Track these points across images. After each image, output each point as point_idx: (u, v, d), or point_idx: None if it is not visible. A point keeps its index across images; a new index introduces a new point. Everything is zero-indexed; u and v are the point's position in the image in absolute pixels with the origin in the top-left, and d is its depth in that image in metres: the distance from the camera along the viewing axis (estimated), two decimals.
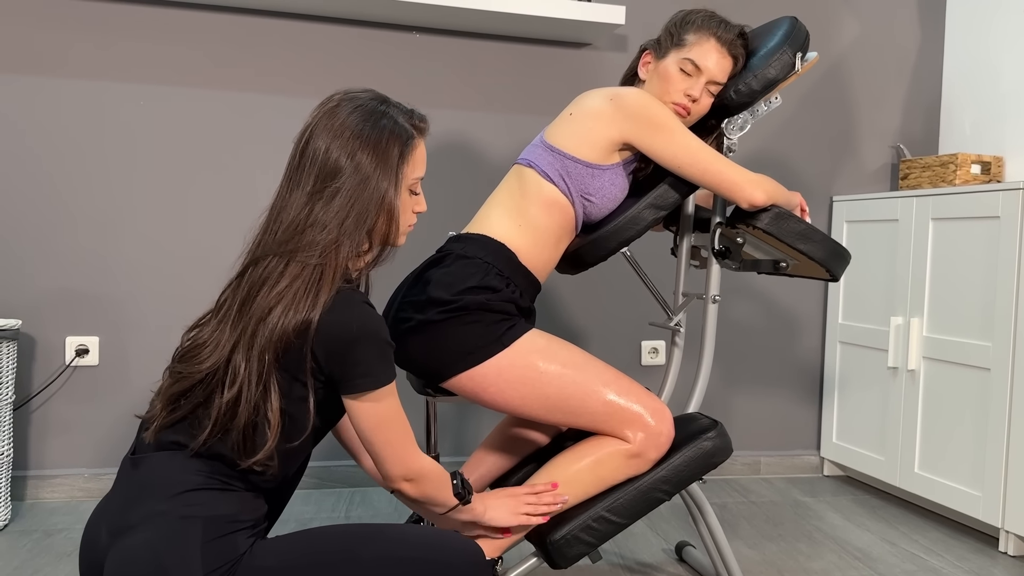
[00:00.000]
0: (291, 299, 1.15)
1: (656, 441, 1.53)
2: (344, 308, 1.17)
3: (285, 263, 1.18)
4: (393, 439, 1.25)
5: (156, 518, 1.12)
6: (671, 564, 2.04)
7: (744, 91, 1.68)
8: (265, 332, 1.14)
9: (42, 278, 2.36)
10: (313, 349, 1.16)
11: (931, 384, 2.41)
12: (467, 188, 2.63)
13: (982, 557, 2.14)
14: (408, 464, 1.28)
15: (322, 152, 1.21)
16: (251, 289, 1.18)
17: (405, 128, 1.27)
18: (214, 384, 1.17)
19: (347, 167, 1.21)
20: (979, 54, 2.83)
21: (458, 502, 1.38)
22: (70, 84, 2.35)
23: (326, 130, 1.22)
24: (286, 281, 1.16)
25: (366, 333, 1.17)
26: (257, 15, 2.46)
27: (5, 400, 2.13)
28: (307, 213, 1.19)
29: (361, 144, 1.22)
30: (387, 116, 1.25)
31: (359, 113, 1.24)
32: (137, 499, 1.14)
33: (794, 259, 1.75)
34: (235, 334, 1.17)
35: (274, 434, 1.16)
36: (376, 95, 1.29)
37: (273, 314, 1.14)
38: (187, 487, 1.14)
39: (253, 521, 1.18)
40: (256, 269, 1.19)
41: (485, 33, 2.62)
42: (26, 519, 2.22)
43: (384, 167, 1.23)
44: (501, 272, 1.55)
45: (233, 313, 1.18)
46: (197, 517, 1.12)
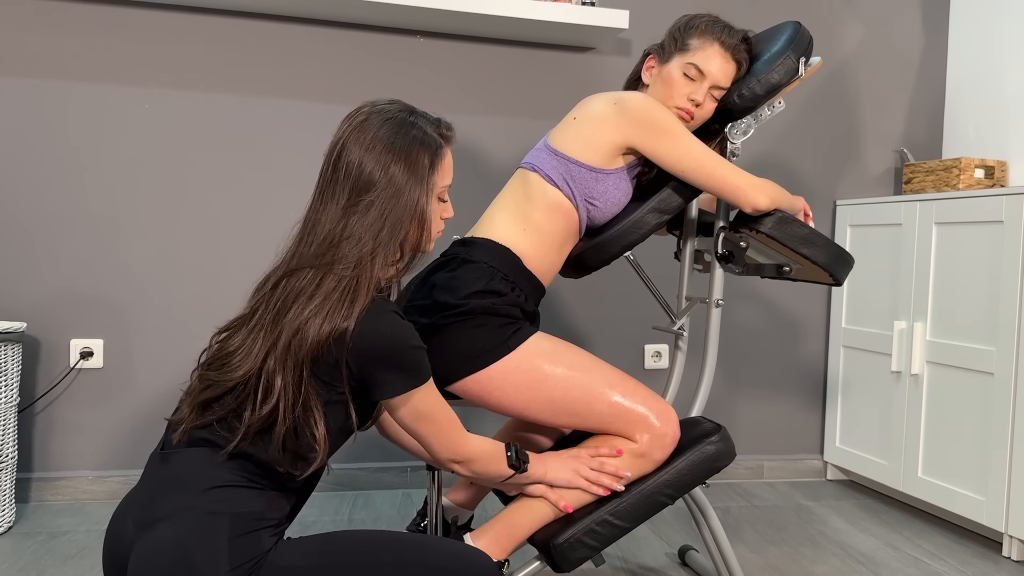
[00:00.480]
0: (328, 310, 1.17)
1: (661, 442, 1.53)
2: (376, 318, 1.19)
3: (321, 276, 1.20)
4: (436, 430, 1.30)
5: (184, 512, 1.13)
6: (674, 568, 2.04)
7: (748, 95, 1.69)
8: (302, 344, 1.16)
9: (47, 280, 2.37)
10: (348, 359, 1.19)
11: (934, 388, 2.41)
12: (471, 192, 2.63)
13: (985, 562, 2.14)
14: (455, 449, 1.33)
15: (355, 165, 1.24)
16: (286, 299, 1.20)
17: (434, 138, 1.30)
18: (246, 393, 1.19)
19: (380, 179, 1.23)
20: (983, 58, 2.83)
21: (513, 472, 1.42)
22: (75, 87, 2.36)
23: (357, 143, 1.25)
24: (323, 293, 1.19)
25: (397, 342, 1.20)
26: (262, 19, 2.47)
27: (10, 402, 2.14)
28: (342, 227, 1.22)
29: (393, 156, 1.24)
30: (416, 127, 1.28)
31: (389, 125, 1.26)
32: (165, 493, 1.16)
33: (797, 263, 1.75)
34: (268, 343, 1.19)
35: (323, 448, 1.19)
36: (404, 106, 1.32)
37: (310, 326, 1.16)
38: (216, 483, 1.16)
39: (277, 520, 1.20)
40: (291, 280, 1.21)
41: (489, 37, 2.63)
42: (31, 521, 2.23)
43: (415, 177, 1.26)
44: (506, 276, 1.55)
45: (267, 322, 1.20)
46: (225, 513, 1.14)
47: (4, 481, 2.14)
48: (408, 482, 2.62)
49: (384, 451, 2.62)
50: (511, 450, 1.43)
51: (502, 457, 1.41)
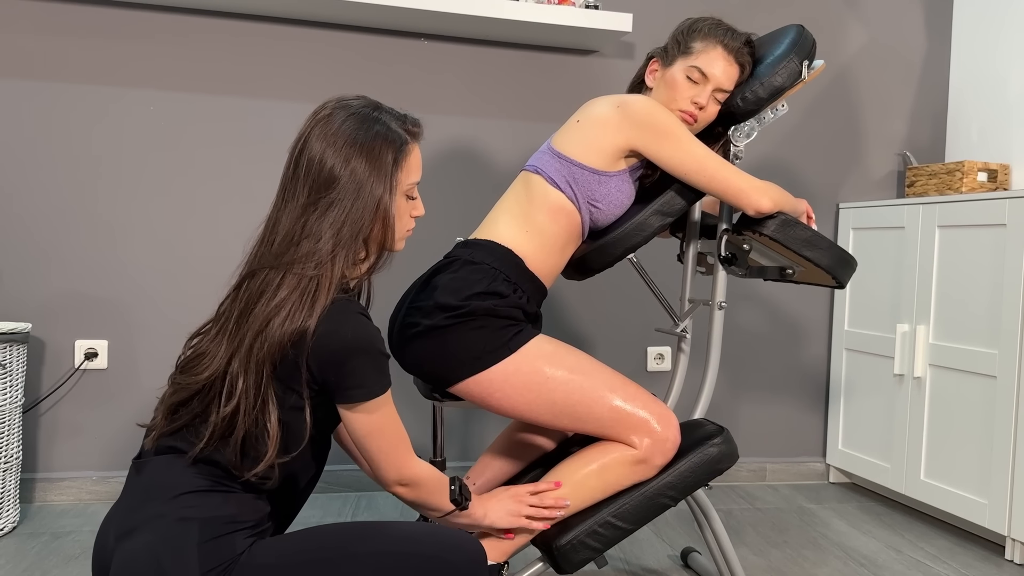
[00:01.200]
0: (288, 310, 1.16)
1: (662, 447, 1.53)
2: (338, 319, 1.17)
3: (281, 275, 1.18)
4: (386, 447, 1.26)
5: (155, 520, 1.13)
6: (676, 570, 2.04)
7: (751, 99, 1.69)
8: (263, 344, 1.15)
9: (52, 282, 2.38)
10: (308, 360, 1.17)
11: (937, 391, 2.41)
12: (474, 194, 2.64)
13: (988, 565, 2.14)
14: (402, 471, 1.29)
15: (316, 162, 1.21)
16: (248, 301, 1.19)
17: (398, 133, 1.26)
18: (212, 395, 1.19)
19: (342, 175, 1.21)
20: (986, 62, 2.83)
21: (454, 508, 1.38)
22: (80, 89, 2.37)
23: (319, 139, 1.22)
24: (283, 293, 1.17)
25: (360, 344, 1.17)
26: (266, 21, 2.48)
27: (14, 403, 2.15)
28: (302, 225, 1.20)
29: (355, 152, 1.22)
30: (380, 122, 1.25)
31: (352, 120, 1.24)
32: (139, 503, 1.16)
33: (800, 266, 1.75)
34: (232, 345, 1.18)
35: (273, 446, 1.17)
36: (368, 101, 1.29)
37: (271, 325, 1.15)
38: (184, 489, 1.15)
39: (254, 522, 1.19)
40: (253, 281, 1.20)
41: (493, 40, 2.63)
42: (34, 521, 2.23)
43: (378, 174, 1.23)
44: (508, 278, 1.56)
45: (231, 325, 1.19)
46: (194, 519, 1.13)
47: (8, 481, 2.15)
48: None
49: None
50: (455, 484, 1.39)
51: (446, 490, 1.37)
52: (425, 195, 2.59)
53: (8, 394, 2.12)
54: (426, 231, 2.61)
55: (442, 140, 2.61)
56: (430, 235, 2.61)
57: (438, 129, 2.60)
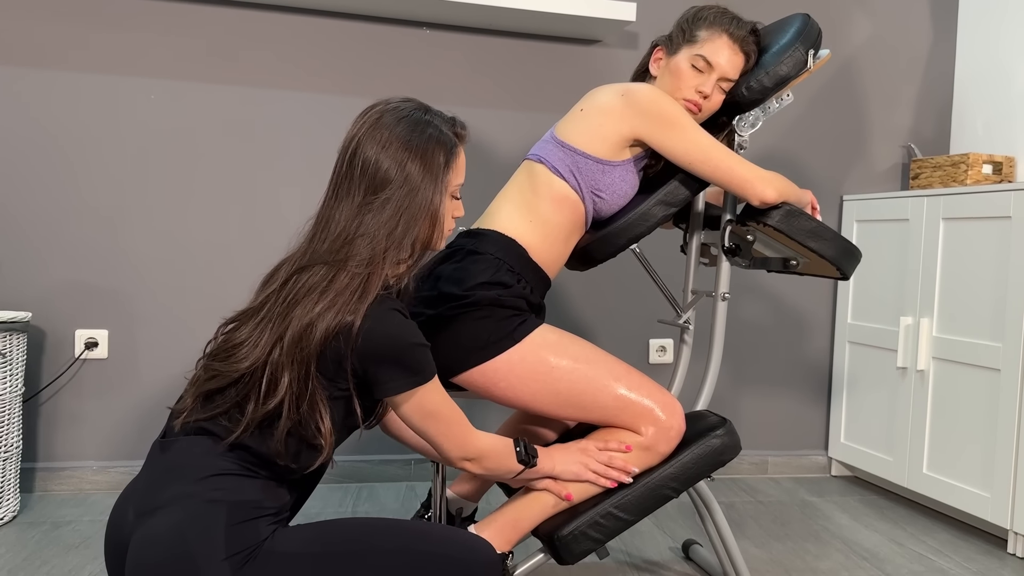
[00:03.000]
0: (338, 307, 1.18)
1: (667, 435, 1.53)
2: (381, 317, 1.20)
3: (334, 272, 1.20)
4: (444, 428, 1.29)
5: (183, 500, 1.14)
6: (678, 562, 2.04)
7: (756, 88, 1.68)
8: (311, 339, 1.17)
9: (52, 271, 2.37)
10: (352, 355, 1.19)
11: (940, 385, 2.40)
12: (478, 184, 2.62)
13: (990, 558, 2.13)
14: (465, 447, 1.33)
15: (371, 163, 1.24)
16: (297, 295, 1.20)
17: (449, 136, 1.30)
18: (251, 385, 1.19)
19: (397, 177, 1.24)
20: (991, 54, 2.82)
21: (523, 467, 1.42)
22: (82, 77, 2.36)
23: (373, 140, 1.25)
24: (335, 290, 1.19)
25: (401, 339, 1.20)
26: (267, 10, 2.46)
27: (15, 392, 2.14)
28: (357, 224, 1.23)
29: (410, 154, 1.25)
30: (432, 125, 1.29)
31: (405, 123, 1.27)
32: (165, 481, 1.17)
33: (804, 257, 1.74)
34: (275, 336, 1.19)
35: (328, 444, 1.19)
36: (419, 104, 1.32)
37: (320, 321, 1.17)
38: (214, 471, 1.17)
39: (276, 509, 1.20)
40: (303, 276, 1.22)
41: (495, 29, 2.62)
42: (35, 511, 2.23)
43: (431, 175, 1.26)
44: (512, 268, 1.55)
45: (276, 315, 1.20)
46: (222, 501, 1.14)
47: (9, 471, 2.14)
48: (412, 475, 2.62)
49: (388, 444, 2.62)
50: (520, 445, 1.43)
51: (511, 452, 1.41)
52: None
53: (8, 383, 2.11)
54: None
55: None
56: None
57: None
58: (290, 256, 1.28)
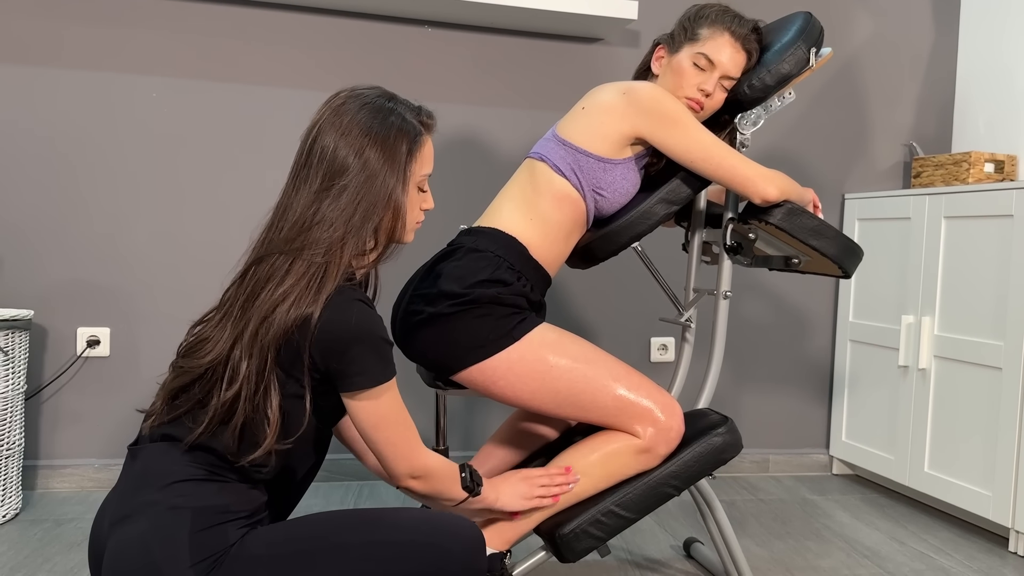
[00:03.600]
0: (295, 296, 1.15)
1: (666, 436, 1.53)
2: (341, 307, 1.16)
3: (290, 261, 1.18)
4: (395, 438, 1.24)
5: (148, 508, 1.12)
6: (679, 560, 2.04)
7: (758, 86, 1.67)
8: (268, 329, 1.14)
9: (54, 269, 2.37)
10: (311, 347, 1.16)
11: (942, 383, 2.40)
12: (479, 182, 2.62)
13: (992, 557, 2.13)
14: (413, 462, 1.27)
15: (330, 150, 1.21)
16: (255, 286, 1.18)
17: (413, 125, 1.27)
18: (213, 380, 1.18)
19: (355, 164, 1.21)
20: (993, 52, 2.81)
21: (467, 495, 1.37)
22: (83, 75, 2.36)
23: (333, 127, 1.22)
24: (292, 279, 1.16)
25: (362, 332, 1.16)
26: (268, 8, 2.46)
27: (16, 390, 2.15)
28: (313, 211, 1.19)
29: (369, 141, 1.22)
30: (395, 113, 1.25)
31: (367, 110, 1.24)
32: (133, 490, 1.16)
33: (806, 255, 1.74)
34: (236, 330, 1.17)
35: (272, 432, 1.15)
36: (383, 92, 1.29)
37: (277, 311, 1.14)
38: (178, 478, 1.15)
39: (248, 512, 1.18)
40: (261, 267, 1.19)
41: (497, 28, 2.61)
42: (37, 508, 2.23)
43: (392, 164, 1.23)
44: (512, 266, 1.55)
45: (236, 310, 1.19)
46: (186, 508, 1.12)
47: (11, 468, 2.15)
48: None
49: None
50: (466, 471, 1.38)
51: (457, 478, 1.35)
52: (429, 183, 2.58)
53: (10, 381, 2.11)
54: (430, 219, 2.60)
55: (446, 128, 2.60)
56: (434, 223, 2.60)
57: (442, 117, 2.59)
58: (251, 249, 1.25)
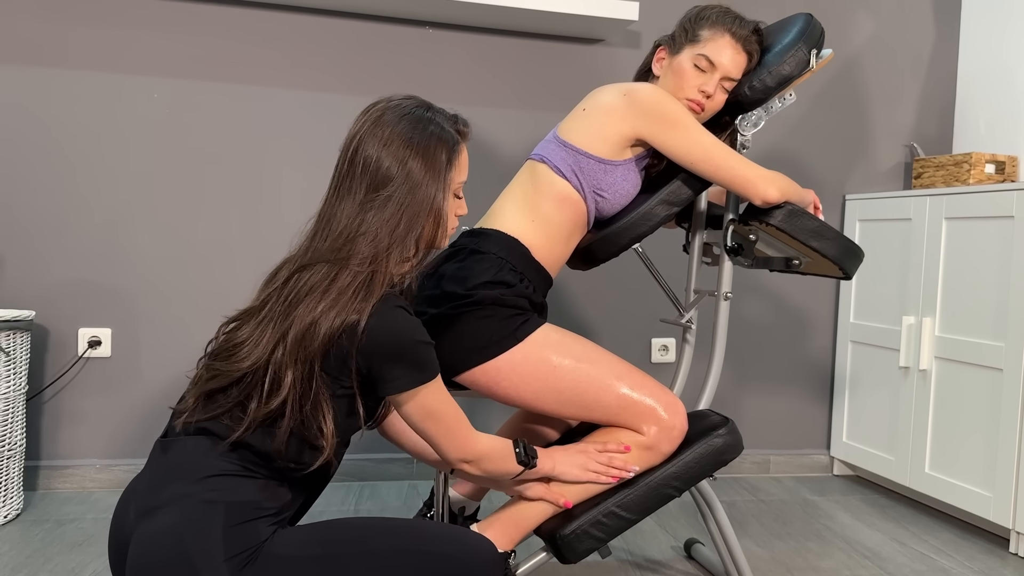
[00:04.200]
0: (341, 306, 1.17)
1: (669, 435, 1.53)
2: (385, 314, 1.19)
3: (336, 271, 1.19)
4: (444, 429, 1.28)
5: (181, 500, 1.13)
6: (680, 561, 2.04)
7: (758, 87, 1.68)
8: (314, 338, 1.16)
9: (56, 269, 2.37)
10: (357, 354, 1.18)
11: (943, 384, 2.40)
12: (480, 183, 2.63)
13: (992, 558, 2.13)
14: (465, 449, 1.31)
15: (373, 160, 1.23)
16: (299, 293, 1.19)
17: (451, 134, 1.30)
18: (253, 384, 1.19)
19: (398, 175, 1.23)
20: (994, 53, 2.81)
21: (523, 468, 1.41)
22: (85, 76, 2.36)
23: (374, 138, 1.25)
24: (337, 288, 1.18)
25: (405, 337, 1.19)
26: (270, 9, 2.46)
27: (18, 390, 2.15)
28: (359, 222, 1.22)
29: (412, 152, 1.24)
30: (434, 123, 1.28)
31: (407, 121, 1.26)
32: (164, 481, 1.17)
33: (807, 256, 1.74)
34: (277, 335, 1.18)
35: (330, 439, 1.18)
36: (421, 101, 1.32)
37: (323, 320, 1.16)
38: (212, 472, 1.16)
39: (277, 509, 1.20)
40: (304, 274, 1.21)
41: (498, 29, 2.62)
42: (38, 509, 2.24)
43: (433, 173, 1.26)
44: (514, 267, 1.55)
45: (278, 314, 1.20)
46: (220, 502, 1.14)
47: (12, 469, 2.15)
48: (414, 473, 2.62)
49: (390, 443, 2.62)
50: (519, 446, 1.42)
51: (511, 454, 1.39)
52: None
53: (12, 381, 2.12)
54: None
55: None
56: None
57: None
58: (292, 255, 1.27)
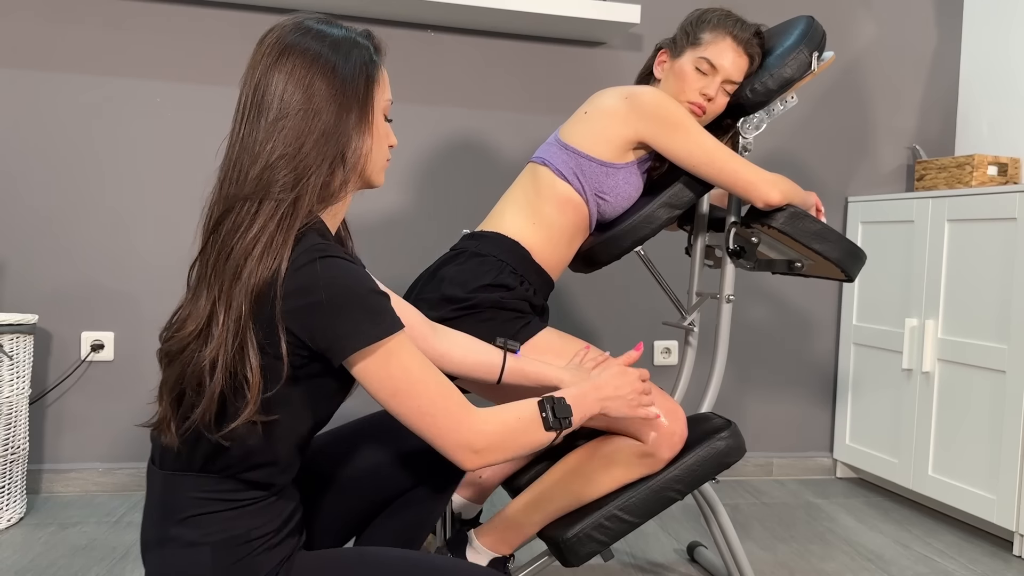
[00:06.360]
0: (267, 241, 1.01)
1: (669, 441, 1.52)
2: (307, 269, 1.00)
3: (257, 203, 1.03)
4: (426, 406, 1.04)
5: (166, 543, 1.06)
6: (682, 564, 2.04)
7: (760, 90, 1.68)
8: (243, 280, 1.00)
9: (58, 273, 2.38)
10: (286, 324, 1.01)
11: (946, 386, 2.39)
12: (482, 186, 2.63)
13: (996, 560, 2.13)
14: (462, 433, 1.05)
15: (283, 83, 1.05)
16: (225, 240, 1.03)
17: (367, 47, 1.12)
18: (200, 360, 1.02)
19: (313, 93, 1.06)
20: (996, 55, 2.81)
21: (556, 435, 1.16)
22: (86, 80, 2.37)
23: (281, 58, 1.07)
24: (261, 221, 1.02)
25: (335, 292, 1.00)
26: (271, 12, 2.47)
27: (21, 394, 2.15)
28: (271, 147, 1.04)
29: (324, 70, 1.07)
30: (346, 39, 1.10)
31: (313, 38, 1.08)
32: (151, 519, 1.10)
33: (809, 259, 1.74)
34: (214, 291, 1.02)
35: (255, 395, 1.00)
36: (323, 16, 1.14)
37: (250, 260, 1.00)
38: (189, 512, 1.06)
39: (276, 527, 1.09)
40: (226, 220, 1.04)
41: (500, 32, 2.62)
42: (41, 512, 2.24)
43: (352, 92, 1.08)
44: (515, 270, 1.55)
45: (208, 271, 1.04)
46: (205, 544, 1.05)
47: (15, 472, 2.15)
48: None
49: None
50: (546, 408, 1.15)
51: (535, 422, 1.13)
52: (432, 187, 2.58)
53: (15, 385, 2.12)
54: (432, 223, 2.60)
55: (448, 132, 2.60)
56: (437, 227, 2.60)
57: (444, 121, 2.60)
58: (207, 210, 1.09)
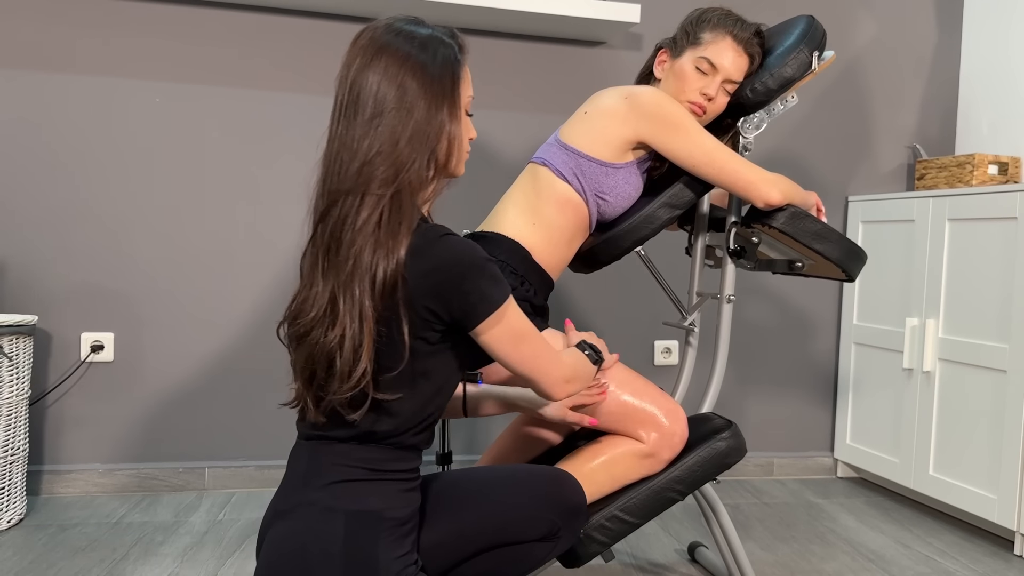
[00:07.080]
0: (376, 236, 1.10)
1: (670, 441, 1.52)
2: (434, 250, 1.12)
3: (360, 197, 1.11)
4: (538, 348, 1.21)
5: (305, 507, 1.13)
6: (683, 564, 2.04)
7: (760, 90, 1.67)
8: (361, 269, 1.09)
9: (58, 274, 2.37)
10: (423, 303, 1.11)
11: (946, 386, 2.39)
12: (481, 186, 2.62)
13: (997, 560, 2.13)
14: (561, 368, 1.26)
15: (377, 82, 1.14)
16: (333, 233, 1.12)
17: (452, 47, 1.21)
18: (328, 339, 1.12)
19: (405, 91, 1.14)
20: (997, 54, 2.81)
21: (598, 369, 1.40)
22: (86, 81, 2.37)
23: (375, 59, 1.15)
24: (365, 213, 1.10)
25: (462, 263, 1.12)
26: (271, 12, 2.47)
27: (21, 395, 2.15)
28: (368, 144, 1.12)
29: (413, 69, 1.15)
30: (433, 39, 1.20)
31: (403, 38, 1.18)
32: (293, 487, 1.17)
33: (810, 259, 1.74)
34: (330, 280, 1.11)
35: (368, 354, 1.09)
36: (413, 18, 1.24)
37: (364, 255, 1.09)
38: (334, 478, 1.14)
39: (402, 518, 1.16)
40: (332, 213, 1.13)
41: (499, 31, 2.62)
42: (41, 513, 2.24)
43: (440, 89, 1.17)
44: (515, 270, 1.55)
45: (321, 260, 1.13)
46: (339, 511, 1.12)
47: (15, 474, 2.15)
48: None
49: None
50: (586, 348, 1.38)
51: (585, 359, 1.36)
52: None
53: (14, 386, 2.12)
54: None
55: None
56: None
57: None
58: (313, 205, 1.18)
